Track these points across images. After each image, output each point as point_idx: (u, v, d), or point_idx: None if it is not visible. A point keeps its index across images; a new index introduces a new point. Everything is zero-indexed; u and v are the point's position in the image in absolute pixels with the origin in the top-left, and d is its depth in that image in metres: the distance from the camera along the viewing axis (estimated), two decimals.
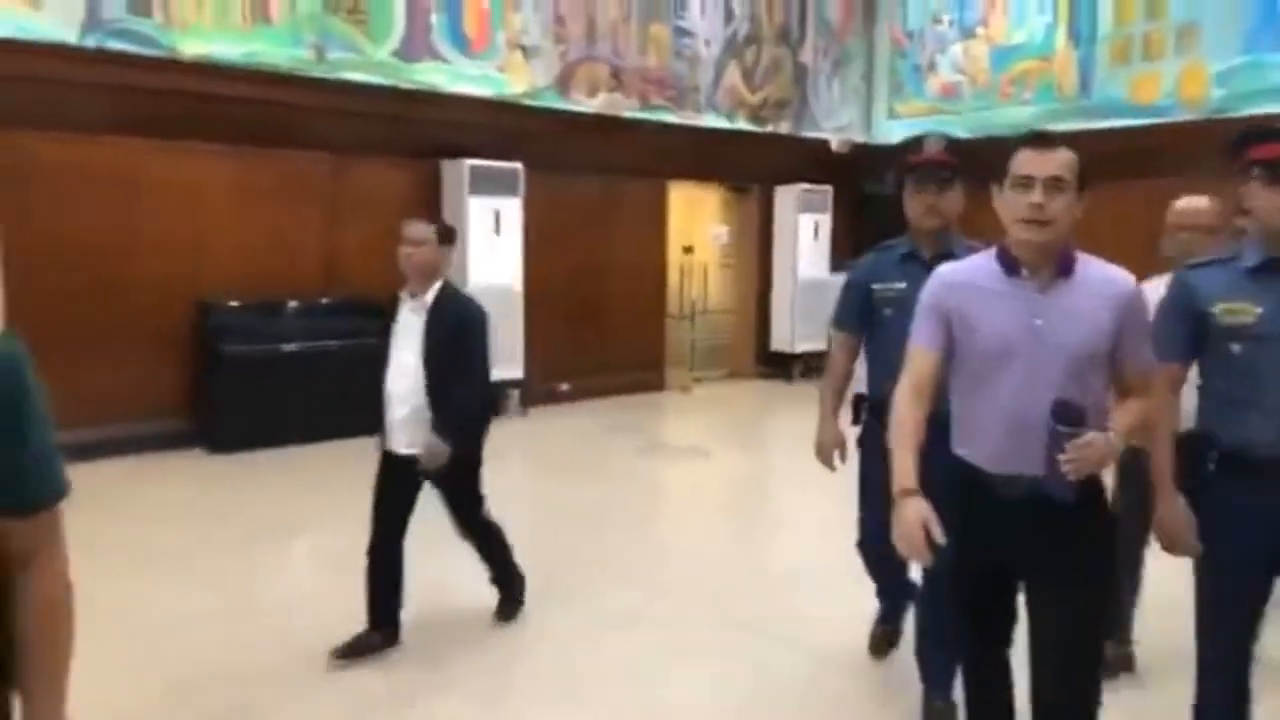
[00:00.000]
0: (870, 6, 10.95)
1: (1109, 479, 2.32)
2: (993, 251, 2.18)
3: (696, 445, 7.44)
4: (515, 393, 8.00)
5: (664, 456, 7.22)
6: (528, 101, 8.16)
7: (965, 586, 2.27)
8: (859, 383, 3.21)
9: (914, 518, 2.00)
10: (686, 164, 9.39)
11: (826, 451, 3.25)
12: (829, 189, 10.19)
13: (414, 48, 7.55)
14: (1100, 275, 2.13)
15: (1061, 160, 2.06)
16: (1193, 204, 3.23)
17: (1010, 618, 2.29)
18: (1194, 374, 2.41)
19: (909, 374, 2.22)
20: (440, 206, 7.62)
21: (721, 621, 3.91)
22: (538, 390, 8.25)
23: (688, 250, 9.59)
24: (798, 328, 10.05)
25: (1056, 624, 2.14)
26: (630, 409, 8.62)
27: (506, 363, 7.77)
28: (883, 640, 3.53)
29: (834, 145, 10.45)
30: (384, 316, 3.50)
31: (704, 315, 10.10)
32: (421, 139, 7.52)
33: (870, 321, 3.07)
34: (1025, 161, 2.07)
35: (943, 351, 2.18)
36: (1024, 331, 2.08)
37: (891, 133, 10.89)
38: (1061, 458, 1.95)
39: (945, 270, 2.27)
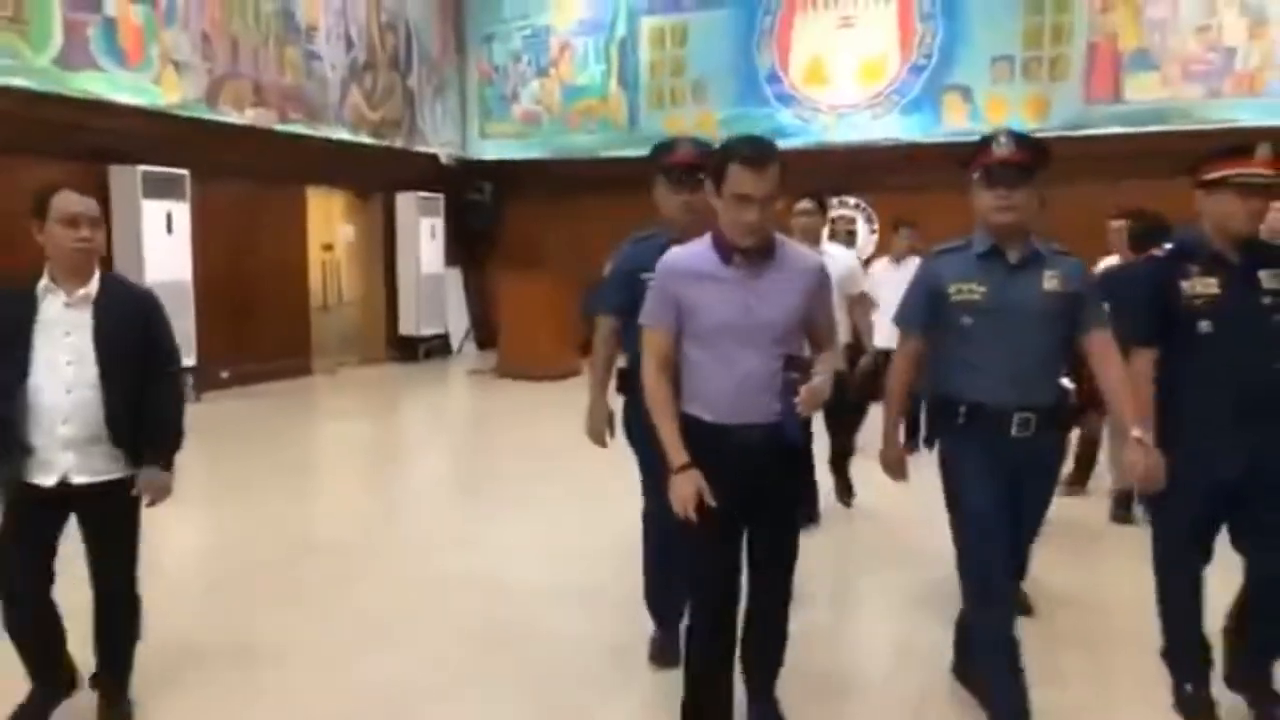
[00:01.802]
0: (461, 43, 12.93)
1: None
2: (709, 239, 2.49)
3: (373, 413, 8.93)
4: (189, 379, 8.71)
5: (347, 421, 8.62)
6: (187, 113, 8.87)
7: (712, 527, 2.48)
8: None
9: (690, 490, 2.38)
10: (321, 172, 10.61)
11: (598, 430, 3.32)
12: (441, 196, 11.99)
13: (73, 57, 7.95)
14: (794, 255, 2.53)
15: (773, 177, 2.35)
16: (806, 206, 4.71)
17: (738, 566, 2.59)
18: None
19: (651, 353, 2.52)
20: (110, 208, 8.12)
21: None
22: (206, 378, 9.00)
23: (327, 248, 10.80)
24: (422, 315, 11.74)
25: (774, 545, 2.57)
26: (291, 391, 9.70)
27: (183, 352, 8.53)
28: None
29: (443, 158, 12.28)
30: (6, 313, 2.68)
31: (340, 306, 11.33)
32: (87, 145, 7.95)
33: (636, 308, 2.99)
34: (743, 182, 2.33)
35: (674, 329, 2.49)
36: (741, 310, 2.42)
37: (484, 150, 13.02)
38: (796, 400, 2.35)
39: (670, 258, 2.54)
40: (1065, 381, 2.84)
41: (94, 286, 2.71)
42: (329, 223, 11.10)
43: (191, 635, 3.64)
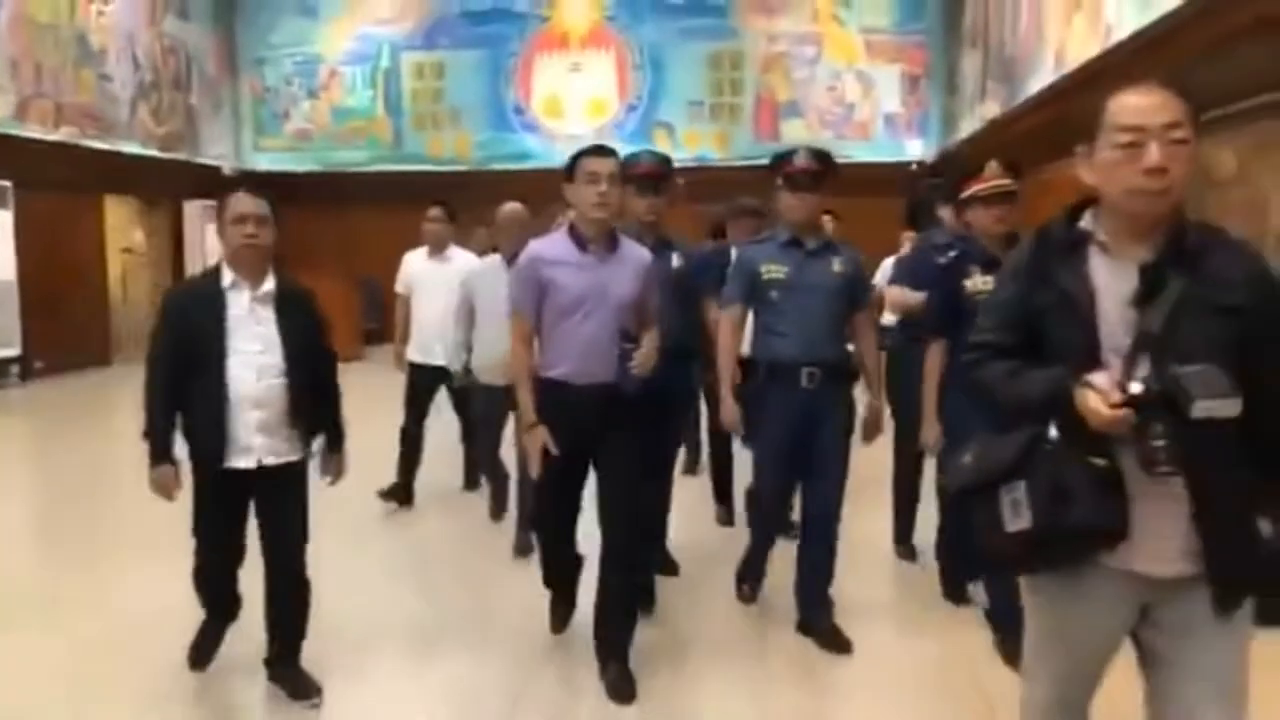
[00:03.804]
0: (234, 66, 14.28)
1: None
2: (565, 230, 2.99)
3: None
4: (15, 368, 9.79)
5: None
6: (3, 130, 9.88)
7: (558, 471, 2.93)
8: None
9: (538, 442, 2.89)
10: (118, 182, 11.74)
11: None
12: None
13: None
14: (632, 249, 3.01)
15: (615, 163, 2.90)
16: (514, 208, 4.42)
17: (579, 502, 3.05)
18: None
19: (519, 331, 2.99)
20: None
21: None
22: (28, 366, 10.07)
23: (126, 251, 11.94)
24: None
25: (617, 483, 2.97)
26: (104, 377, 10.88)
27: (7, 343, 9.65)
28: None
29: (225, 170, 13.62)
30: (191, 309, 2.82)
31: (137, 304, 12.45)
32: None
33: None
34: (592, 164, 2.88)
35: (538, 310, 2.93)
36: (593, 289, 2.89)
37: (259, 162, 14.44)
38: (630, 364, 2.84)
39: (534, 248, 3.01)
40: (850, 347, 3.40)
41: (272, 282, 2.84)
42: (126, 228, 12.22)
43: None
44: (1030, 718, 1.88)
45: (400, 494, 5.15)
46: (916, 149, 13.34)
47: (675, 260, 3.62)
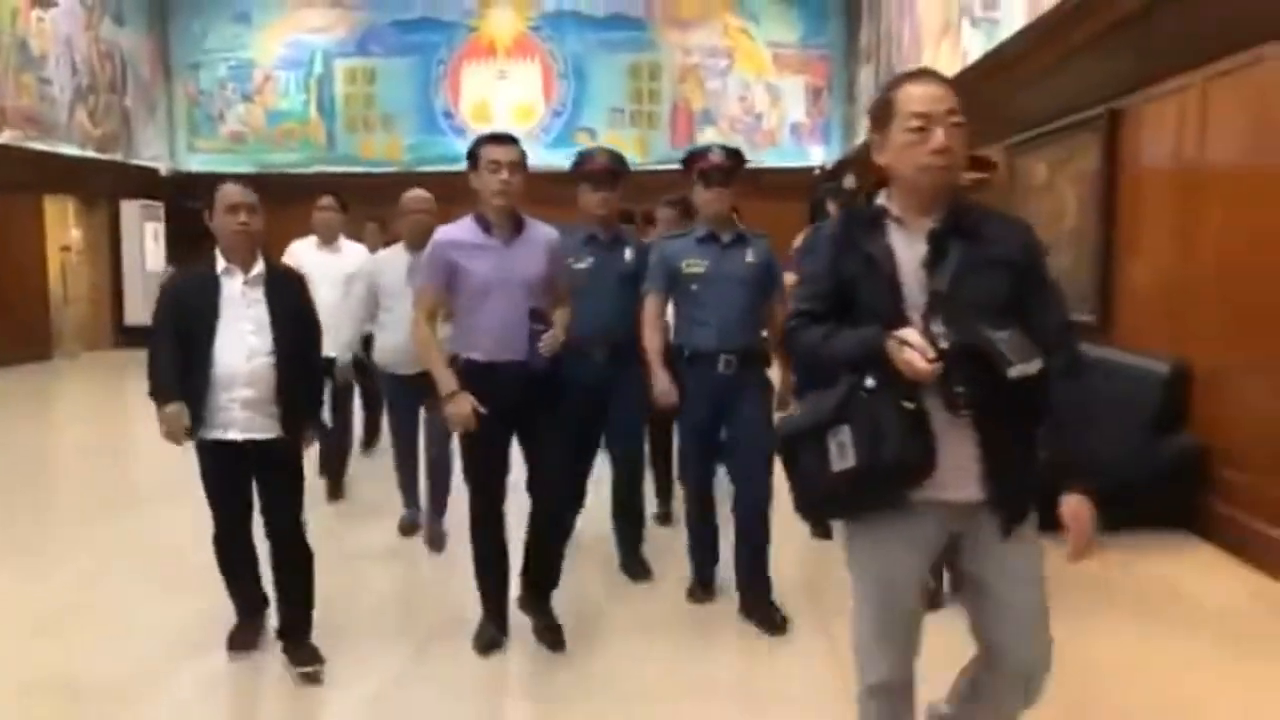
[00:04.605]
0: (169, 70, 14.69)
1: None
2: (472, 216, 3.09)
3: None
4: None
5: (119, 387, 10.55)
6: None
7: (483, 440, 3.05)
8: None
9: (466, 408, 2.99)
10: (57, 182, 12.13)
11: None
12: (161, 204, 13.78)
13: None
14: (538, 230, 3.14)
15: (517, 151, 3.06)
16: (418, 194, 4.36)
17: (507, 465, 3.16)
18: None
19: (422, 307, 3.09)
20: None
21: None
22: None
23: (65, 249, 12.32)
24: (148, 307, 13.44)
25: (545, 451, 3.15)
26: (46, 371, 11.28)
27: None
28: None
29: (163, 171, 14.05)
30: (187, 294, 3.01)
31: (76, 301, 12.83)
32: None
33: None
34: (495, 152, 3.02)
35: (444, 289, 3.08)
36: (499, 272, 3.02)
37: (192, 163, 14.85)
38: (539, 344, 2.97)
39: (443, 233, 3.13)
40: (764, 333, 3.54)
41: (261, 265, 3.01)
42: (64, 227, 12.60)
43: None
44: (866, 693, 2.03)
45: (333, 465, 5.25)
46: (819, 155, 14.44)
47: (628, 254, 3.79)
